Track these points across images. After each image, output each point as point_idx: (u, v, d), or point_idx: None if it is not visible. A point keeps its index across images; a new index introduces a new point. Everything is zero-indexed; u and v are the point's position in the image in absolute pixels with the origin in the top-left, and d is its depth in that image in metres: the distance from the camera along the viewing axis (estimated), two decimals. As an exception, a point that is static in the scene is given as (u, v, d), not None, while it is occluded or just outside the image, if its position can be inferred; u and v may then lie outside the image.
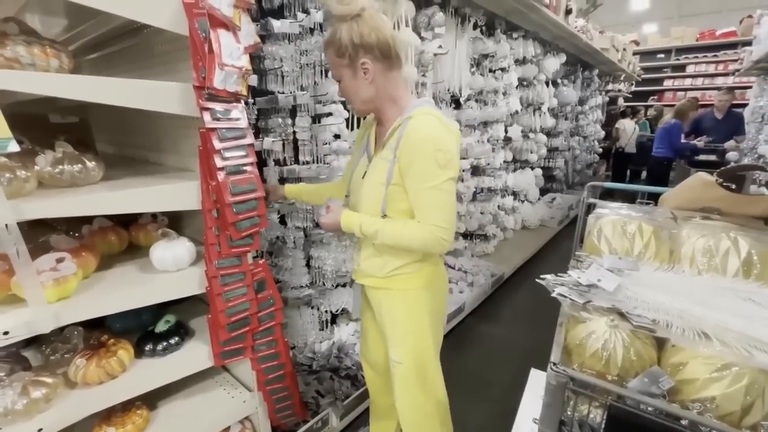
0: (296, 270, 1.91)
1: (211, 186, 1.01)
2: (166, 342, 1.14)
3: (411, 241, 1.02)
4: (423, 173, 0.98)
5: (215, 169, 0.99)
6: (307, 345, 2.04)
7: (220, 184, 0.98)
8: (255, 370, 1.28)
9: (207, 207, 1.03)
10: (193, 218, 1.31)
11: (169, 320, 1.19)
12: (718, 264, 0.86)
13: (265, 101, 1.69)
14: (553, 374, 0.73)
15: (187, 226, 1.40)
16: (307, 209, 1.84)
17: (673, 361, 0.76)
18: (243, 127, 1.02)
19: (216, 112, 0.97)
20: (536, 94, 3.69)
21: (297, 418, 1.49)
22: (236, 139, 1.00)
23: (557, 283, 0.91)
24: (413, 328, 1.17)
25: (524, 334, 2.59)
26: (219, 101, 0.97)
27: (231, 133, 0.99)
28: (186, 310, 1.39)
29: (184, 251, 1.08)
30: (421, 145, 0.96)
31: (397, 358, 1.19)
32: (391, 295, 1.16)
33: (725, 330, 0.71)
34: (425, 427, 1.26)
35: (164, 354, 1.13)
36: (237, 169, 1.02)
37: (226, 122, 0.99)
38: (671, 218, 1.05)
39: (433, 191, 0.98)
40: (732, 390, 0.66)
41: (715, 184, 1.07)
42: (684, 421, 0.63)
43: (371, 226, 1.05)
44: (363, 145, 1.18)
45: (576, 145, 5.58)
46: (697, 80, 8.31)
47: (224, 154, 0.98)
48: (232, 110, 1.01)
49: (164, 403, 1.29)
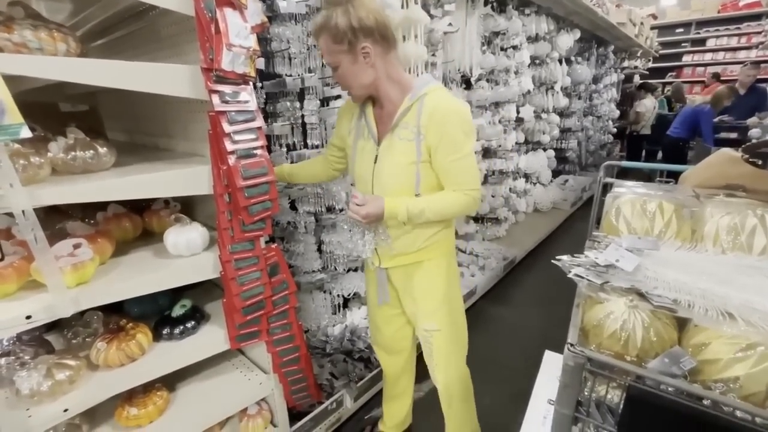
0: (308, 255, 1.92)
1: (222, 170, 1.01)
2: (182, 326, 1.16)
3: (454, 209, 1.07)
4: (453, 145, 1.01)
5: (226, 152, 0.98)
6: (320, 328, 2.07)
7: (231, 168, 0.98)
8: (270, 352, 1.30)
9: (219, 192, 1.03)
10: (205, 203, 1.32)
11: (185, 305, 1.21)
12: (743, 242, 0.83)
13: (272, 85, 1.67)
14: (571, 355, 0.72)
15: (200, 211, 1.41)
16: (317, 194, 1.83)
17: (694, 341, 0.74)
18: (252, 110, 1.01)
19: (225, 94, 0.95)
20: (549, 72, 3.59)
21: (312, 399, 1.52)
22: (246, 122, 0.99)
23: (573, 264, 0.89)
24: (448, 291, 1.23)
25: (536, 317, 2.58)
26: (227, 83, 0.96)
27: (240, 116, 0.98)
28: (201, 295, 1.41)
29: (197, 236, 1.09)
30: (450, 118, 1.00)
31: (434, 326, 1.24)
32: (425, 267, 1.20)
33: (751, 309, 0.69)
34: (465, 387, 1.36)
35: (181, 337, 1.15)
36: (248, 152, 1.01)
37: (235, 105, 0.97)
38: (693, 196, 1.02)
39: (463, 160, 1.04)
40: (757, 370, 0.65)
41: (740, 160, 1.03)
42: (706, 401, 0.61)
43: (416, 206, 1.04)
44: (358, 131, 1.15)
45: (589, 126, 5.44)
46: (718, 54, 7.96)
47: (234, 137, 0.97)
48: (241, 92, 0.99)
49: (183, 385, 1.33)
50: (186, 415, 1.21)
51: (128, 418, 1.10)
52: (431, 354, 1.28)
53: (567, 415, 0.76)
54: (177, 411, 1.22)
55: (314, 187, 1.80)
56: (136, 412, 1.11)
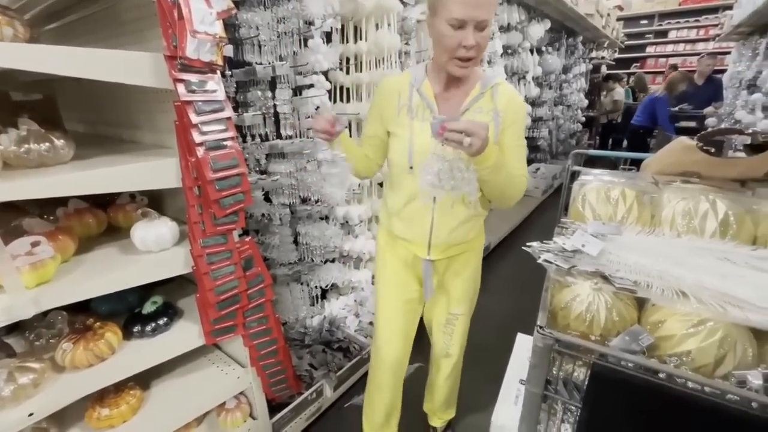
0: (284, 247, 1.90)
1: (190, 162, 0.98)
2: (154, 323, 1.13)
3: (513, 183, 1.07)
4: (520, 131, 1.09)
5: (194, 144, 0.95)
6: (298, 320, 2.06)
7: (200, 160, 0.95)
8: (247, 346, 1.29)
9: (188, 185, 1.00)
10: (174, 197, 1.27)
11: (156, 301, 1.17)
12: (696, 226, 0.89)
13: (242, 73, 1.62)
14: (540, 337, 0.76)
15: (169, 205, 1.36)
16: (292, 185, 1.81)
17: (652, 319, 0.79)
18: (220, 100, 0.98)
19: (191, 83, 0.92)
20: (521, 62, 3.64)
21: (291, 390, 1.52)
22: (214, 112, 0.96)
23: (543, 249, 0.93)
24: (478, 277, 1.32)
25: (510, 302, 2.67)
26: (193, 72, 0.92)
27: (208, 106, 0.95)
28: (174, 291, 1.38)
29: (167, 231, 1.05)
30: (522, 108, 1.09)
31: (460, 310, 1.31)
32: (470, 255, 1.24)
33: (702, 288, 0.74)
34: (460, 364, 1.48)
35: (153, 335, 1.12)
36: (217, 144, 0.98)
37: (202, 94, 0.94)
38: (653, 183, 1.07)
39: (522, 147, 1.11)
40: (706, 344, 0.70)
41: (695, 148, 1.09)
42: (662, 375, 0.66)
43: (501, 158, 0.98)
44: (412, 111, 1.06)
45: (560, 115, 5.58)
46: (679, 46, 8.31)
47: (202, 128, 0.94)
48: (208, 81, 0.96)
49: (158, 382, 1.30)
50: (161, 413, 1.18)
51: (99, 419, 1.07)
52: (451, 334, 1.35)
53: (537, 394, 0.80)
54: (152, 409, 1.19)
55: (289, 178, 1.77)
56: (108, 412, 1.08)
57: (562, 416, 0.84)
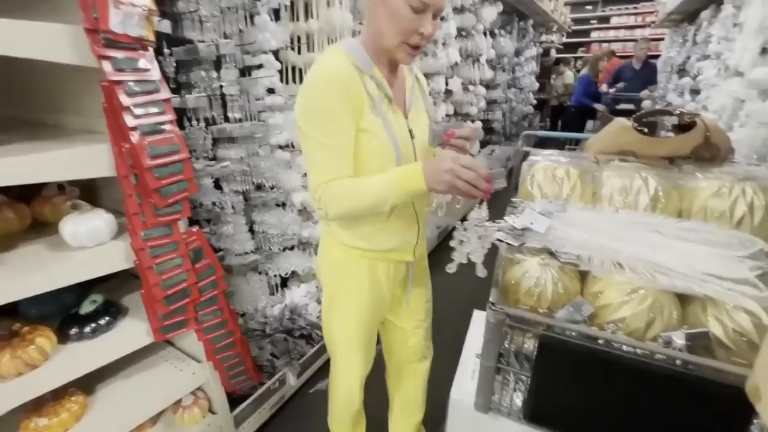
0: (238, 236, 1.82)
1: (124, 149, 0.90)
2: (94, 323, 1.04)
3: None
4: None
5: (127, 129, 0.87)
6: (258, 310, 2.01)
7: (135, 147, 0.87)
8: (202, 340, 1.24)
9: (122, 173, 0.92)
10: (109, 187, 1.17)
11: (95, 300, 1.09)
12: (631, 201, 0.95)
13: (183, 51, 1.50)
14: (492, 313, 0.79)
15: (105, 195, 1.25)
16: (244, 171, 1.73)
17: (593, 290, 0.84)
18: (155, 80, 0.89)
19: (118, 61, 0.83)
20: (475, 44, 3.68)
21: (252, 382, 1.49)
22: (148, 93, 0.88)
23: (495, 228, 0.96)
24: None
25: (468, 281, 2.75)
26: (121, 48, 0.84)
27: (141, 87, 0.87)
28: (117, 288, 1.29)
29: (102, 224, 0.97)
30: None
31: (430, 296, 1.28)
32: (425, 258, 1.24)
33: (636, 259, 0.80)
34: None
35: (94, 336, 1.04)
36: (154, 128, 0.90)
37: (133, 74, 0.86)
38: (594, 162, 1.13)
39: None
40: (639, 310, 0.76)
41: (631, 128, 1.16)
42: (601, 341, 0.71)
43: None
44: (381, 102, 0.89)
45: (513, 97, 5.75)
46: (620, 32, 8.79)
47: (135, 111, 0.86)
48: (139, 59, 0.87)
49: (104, 385, 1.22)
50: (109, 417, 1.12)
51: (36, 430, 0.99)
52: (420, 342, 1.27)
53: (491, 367, 0.84)
54: (98, 414, 1.12)
55: (240, 164, 1.69)
56: (46, 422, 1.00)
57: (514, 386, 0.89)
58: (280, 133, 1.79)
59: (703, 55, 3.92)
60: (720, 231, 0.83)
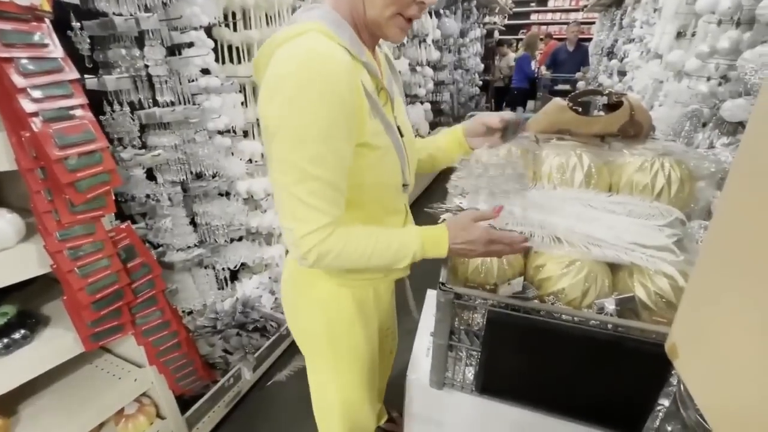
0: (179, 230, 1.70)
1: (24, 138, 0.78)
2: (7, 338, 0.92)
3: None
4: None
5: (25, 115, 0.75)
6: (207, 307, 1.91)
7: (36, 135, 0.76)
8: (142, 344, 1.16)
9: (25, 166, 0.80)
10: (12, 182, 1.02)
11: (6, 312, 0.96)
12: (568, 178, 1.00)
13: (96, 26, 1.32)
14: (442, 293, 0.80)
15: (10, 192, 1.09)
16: (180, 159, 1.59)
17: (535, 264, 0.88)
18: (57, 57, 0.78)
19: (6, 34, 0.71)
20: (420, 25, 3.65)
21: (203, 381, 1.43)
22: (48, 73, 0.76)
23: (443, 210, 0.97)
24: None
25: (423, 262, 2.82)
26: (7, 19, 0.71)
27: (38, 66, 0.75)
28: (33, 297, 1.15)
29: (5, 225, 0.84)
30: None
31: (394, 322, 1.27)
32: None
33: (572, 233, 0.84)
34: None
35: (8, 352, 0.92)
36: (60, 114, 0.79)
37: (27, 50, 0.74)
38: (535, 141, 1.17)
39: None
40: (576, 280, 0.81)
41: (566, 108, 1.21)
42: (542, 312, 0.75)
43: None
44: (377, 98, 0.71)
45: (459, 79, 5.84)
46: (557, 15, 9.19)
47: (33, 94, 0.74)
48: (34, 33, 0.75)
49: (29, 404, 1.10)
50: (37, 438, 1.01)
51: (-54, 464, 0.87)
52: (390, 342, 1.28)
53: (443, 345, 0.86)
54: (24, 436, 1.01)
55: (174, 152, 1.56)
56: (-43, 453, 0.89)
57: (466, 361, 0.92)
58: (218, 117, 1.67)
59: (628, 38, 4.21)
60: (643, 203, 0.89)
